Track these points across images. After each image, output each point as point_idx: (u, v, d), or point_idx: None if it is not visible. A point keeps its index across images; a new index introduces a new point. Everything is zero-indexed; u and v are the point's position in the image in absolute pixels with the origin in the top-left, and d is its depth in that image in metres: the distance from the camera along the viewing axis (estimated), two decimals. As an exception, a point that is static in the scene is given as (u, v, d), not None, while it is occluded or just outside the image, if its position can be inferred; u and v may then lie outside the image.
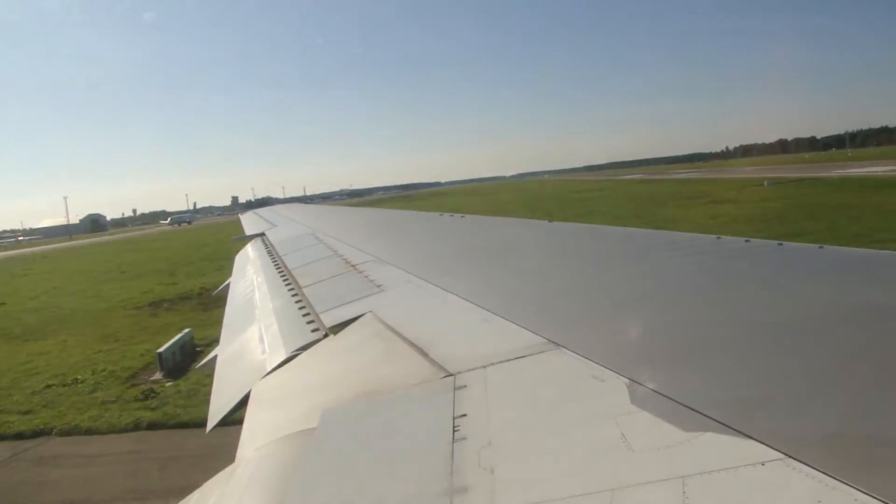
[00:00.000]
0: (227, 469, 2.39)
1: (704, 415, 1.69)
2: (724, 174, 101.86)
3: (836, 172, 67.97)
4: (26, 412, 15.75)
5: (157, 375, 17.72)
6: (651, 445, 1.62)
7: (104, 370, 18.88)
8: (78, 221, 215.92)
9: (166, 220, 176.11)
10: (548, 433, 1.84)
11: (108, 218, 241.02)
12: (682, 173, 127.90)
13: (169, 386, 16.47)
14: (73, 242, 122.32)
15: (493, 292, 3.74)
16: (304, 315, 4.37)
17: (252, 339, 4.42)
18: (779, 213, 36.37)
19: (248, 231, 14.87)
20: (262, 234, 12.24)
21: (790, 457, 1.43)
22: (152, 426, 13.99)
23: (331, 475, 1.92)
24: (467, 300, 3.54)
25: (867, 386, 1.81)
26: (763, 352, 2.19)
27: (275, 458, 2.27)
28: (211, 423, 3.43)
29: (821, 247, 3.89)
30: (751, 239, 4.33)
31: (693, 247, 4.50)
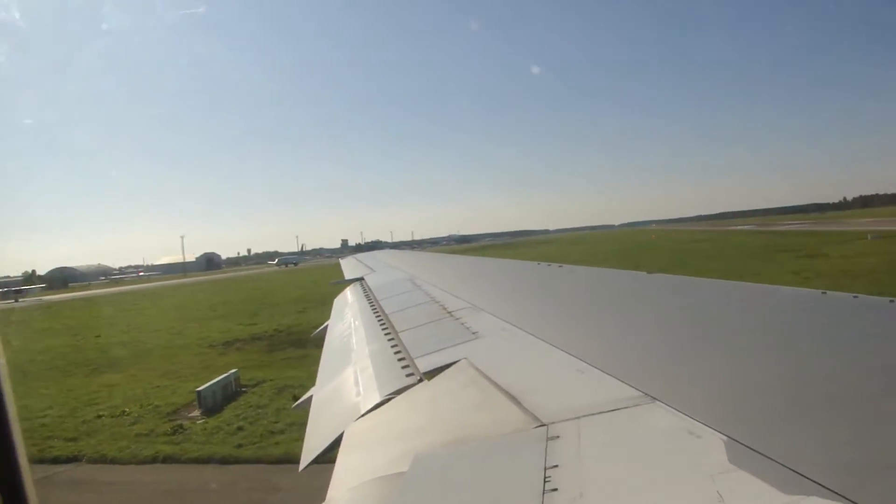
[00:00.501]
0: (319, 508, 2.43)
1: (807, 477, 1.61)
2: (832, 226, 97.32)
3: None
4: (71, 439, 17.37)
5: (195, 412, 18.76)
6: None
7: (151, 404, 20.40)
8: (194, 259, 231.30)
9: (274, 260, 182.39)
10: (641, 488, 1.79)
11: (225, 257, 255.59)
12: (790, 224, 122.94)
13: (199, 423, 17.45)
14: (184, 280, 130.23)
15: (588, 343, 3.68)
16: (399, 360, 4.41)
17: (348, 381, 4.49)
18: (870, 269, 34.63)
19: (348, 275, 15.20)
20: (361, 279, 12.47)
21: None
22: (167, 459, 15.20)
23: None
24: (562, 350, 3.50)
25: None
26: (871, 414, 2.07)
27: (365, 500, 2.28)
28: (304, 462, 3.48)
29: None
30: (859, 295, 4.12)
31: (797, 301, 4.32)
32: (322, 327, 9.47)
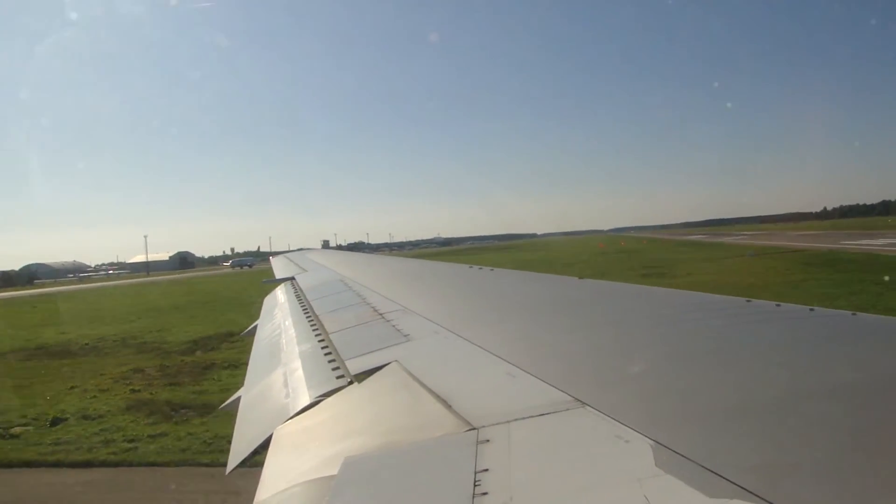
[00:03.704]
0: (246, 512, 2.39)
1: (730, 481, 1.66)
2: (759, 240, 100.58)
3: (845, 244, 65.36)
4: None
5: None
6: None
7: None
8: (167, 258, 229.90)
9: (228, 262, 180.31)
10: (570, 492, 1.82)
11: (207, 255, 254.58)
12: (727, 237, 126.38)
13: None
14: (147, 279, 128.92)
15: (519, 347, 3.72)
16: (329, 361, 4.37)
17: (277, 382, 4.42)
18: (704, 285, 34.74)
19: (279, 274, 14.98)
20: (292, 279, 12.32)
21: None
22: None
23: None
24: (494, 354, 3.52)
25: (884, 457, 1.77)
26: (793, 417, 2.15)
27: (294, 503, 2.26)
28: (231, 465, 3.42)
29: (854, 314, 3.84)
30: (781, 304, 4.29)
31: (724, 309, 4.46)
32: (251, 327, 9.33)
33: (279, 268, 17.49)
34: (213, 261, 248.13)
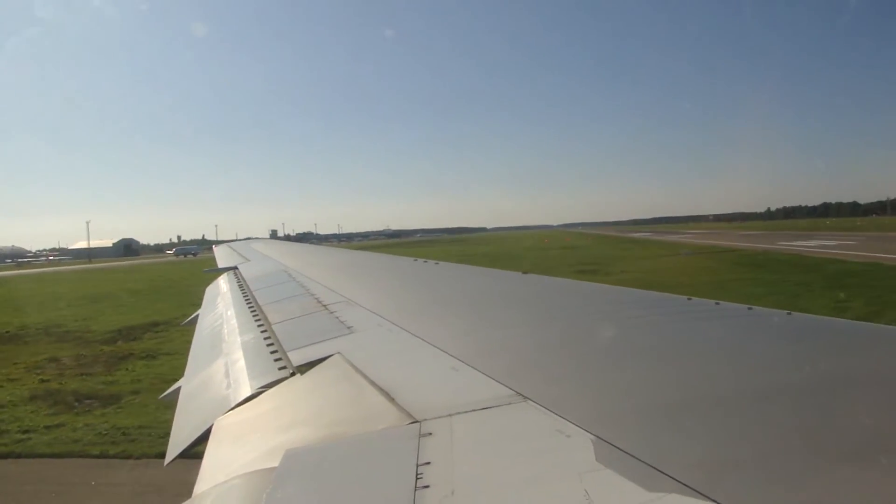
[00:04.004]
0: (184, 504, 2.35)
1: (669, 476, 1.71)
2: (688, 238, 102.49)
3: (780, 245, 66.80)
4: None
5: None
6: None
7: None
8: (112, 245, 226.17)
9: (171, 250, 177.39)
10: (512, 486, 1.84)
11: (153, 243, 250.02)
12: (676, 234, 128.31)
13: None
14: (87, 266, 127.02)
15: (463, 341, 3.74)
16: (272, 352, 4.33)
17: (218, 372, 4.37)
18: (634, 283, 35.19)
19: (221, 264, 14.72)
20: (235, 268, 12.14)
21: None
22: None
23: None
24: (437, 347, 3.54)
25: (829, 455, 1.84)
26: (730, 414, 2.21)
27: (233, 497, 2.24)
28: (170, 456, 3.37)
29: (789, 313, 3.97)
30: (721, 302, 4.41)
31: (667, 307, 4.56)
32: (193, 316, 9.17)
33: (222, 257, 17.19)
34: (159, 248, 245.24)
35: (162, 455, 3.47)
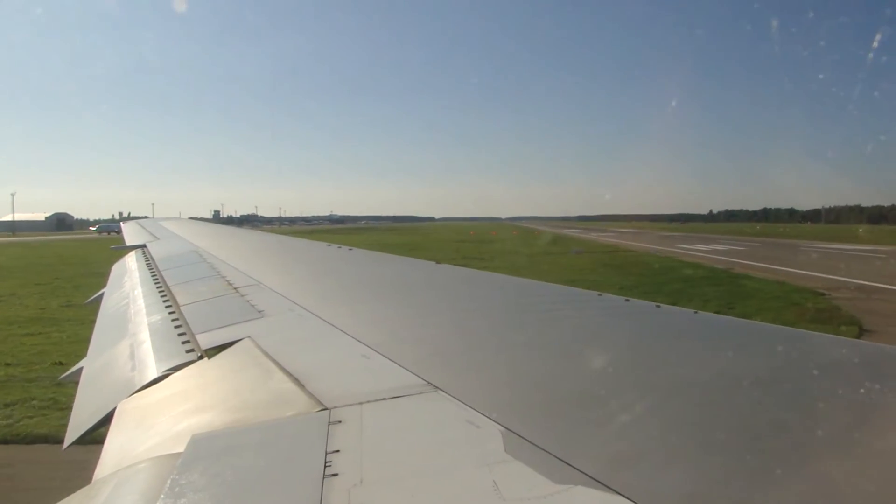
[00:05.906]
0: (83, 490, 2.29)
1: (576, 468, 1.77)
2: (609, 237, 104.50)
3: (679, 247, 67.34)
4: None
5: None
6: (521, 495, 1.67)
7: None
8: (44, 219, 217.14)
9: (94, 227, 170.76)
10: (421, 476, 1.88)
11: (94, 219, 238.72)
12: (602, 232, 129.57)
13: None
14: (4, 240, 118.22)
15: (375, 329, 3.76)
16: (179, 335, 4.25)
17: (122, 353, 4.25)
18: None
19: (130, 241, 14.24)
20: (143, 246, 11.78)
21: None
22: None
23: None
24: (349, 334, 3.55)
25: (732, 449, 1.95)
26: (638, 408, 2.31)
27: (136, 482, 2.19)
28: (69, 440, 3.26)
29: (696, 312, 4.15)
30: (630, 299, 4.57)
31: (577, 301, 4.69)
32: (97, 294, 8.86)
33: (130, 234, 16.62)
34: (97, 223, 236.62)
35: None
